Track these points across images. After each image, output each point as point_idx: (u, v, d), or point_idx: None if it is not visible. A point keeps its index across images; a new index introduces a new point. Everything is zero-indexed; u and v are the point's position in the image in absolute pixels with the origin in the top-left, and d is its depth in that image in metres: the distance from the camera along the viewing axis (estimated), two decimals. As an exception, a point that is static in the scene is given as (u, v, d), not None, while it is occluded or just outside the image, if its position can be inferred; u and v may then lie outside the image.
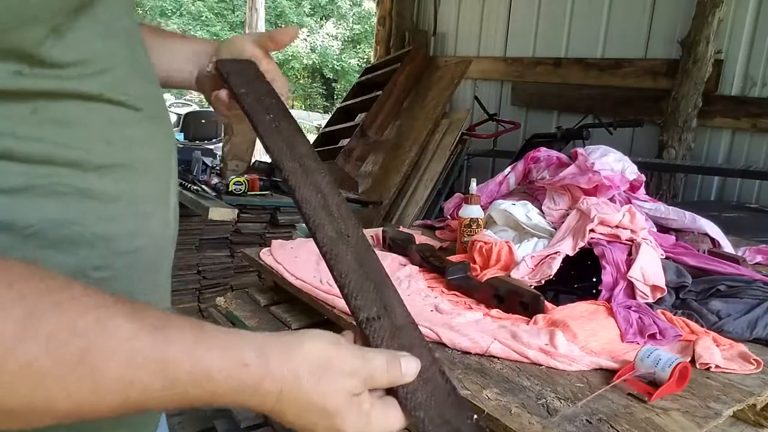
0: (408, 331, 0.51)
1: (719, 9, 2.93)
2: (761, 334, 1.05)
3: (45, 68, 0.40)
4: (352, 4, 16.06)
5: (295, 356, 0.41)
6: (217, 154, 4.16)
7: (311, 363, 0.41)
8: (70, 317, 0.33)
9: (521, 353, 0.94)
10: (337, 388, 0.42)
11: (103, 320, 0.34)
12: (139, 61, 0.51)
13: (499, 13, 4.34)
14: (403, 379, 0.45)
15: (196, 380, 0.37)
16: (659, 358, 0.85)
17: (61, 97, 0.42)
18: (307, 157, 0.62)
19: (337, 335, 0.45)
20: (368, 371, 0.43)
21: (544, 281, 1.19)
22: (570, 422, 0.77)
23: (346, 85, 12.99)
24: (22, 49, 0.38)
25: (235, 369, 0.38)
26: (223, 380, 0.38)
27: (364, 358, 0.44)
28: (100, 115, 0.45)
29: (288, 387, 0.40)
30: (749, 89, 3.00)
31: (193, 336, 0.38)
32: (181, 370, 0.36)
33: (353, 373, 0.43)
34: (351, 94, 4.71)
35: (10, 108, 0.39)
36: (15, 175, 0.40)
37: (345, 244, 0.55)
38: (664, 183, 3.20)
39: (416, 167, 3.67)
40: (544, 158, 1.58)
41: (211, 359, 0.38)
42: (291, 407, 0.41)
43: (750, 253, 1.50)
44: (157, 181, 0.53)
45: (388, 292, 0.54)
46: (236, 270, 2.88)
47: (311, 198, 0.58)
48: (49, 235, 0.43)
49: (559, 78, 3.90)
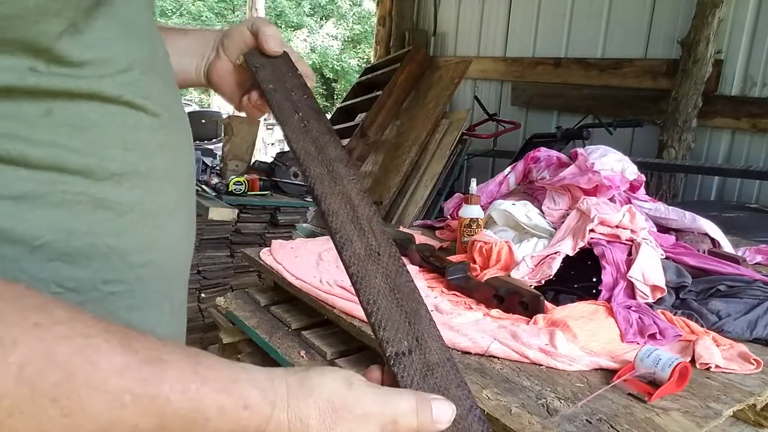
0: (443, 370, 0.45)
1: (719, 9, 2.93)
2: (761, 334, 1.05)
3: (61, 66, 0.37)
4: (352, 4, 16.05)
5: (305, 399, 0.37)
6: (217, 154, 4.16)
7: (322, 408, 0.37)
8: (48, 344, 0.29)
9: (521, 353, 0.94)
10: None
11: (88, 350, 0.30)
12: (159, 63, 0.48)
13: (499, 13, 4.34)
14: (434, 427, 0.40)
15: (191, 421, 0.33)
16: (659, 358, 0.85)
17: (77, 98, 0.39)
18: (337, 161, 0.57)
19: (355, 374, 0.41)
20: (389, 416, 0.38)
21: (544, 281, 1.20)
22: (570, 422, 0.77)
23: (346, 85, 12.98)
24: (38, 43, 0.36)
25: (235, 411, 0.35)
26: (222, 423, 0.34)
27: (384, 402, 0.39)
28: (116, 119, 0.42)
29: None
30: (749, 89, 3.00)
31: (191, 370, 0.34)
32: (175, 412, 0.32)
33: (368, 418, 0.38)
34: (351, 94, 4.71)
35: (23, 108, 0.37)
36: (23, 181, 0.37)
37: (375, 264, 0.50)
38: (664, 183, 3.20)
39: (416, 167, 3.67)
40: (544, 158, 1.58)
41: (210, 399, 0.34)
42: None
43: (750, 253, 1.50)
44: (175, 191, 0.50)
45: (422, 323, 0.48)
46: (236, 270, 2.88)
47: (339, 210, 0.52)
48: (59, 246, 0.39)
49: (559, 78, 3.90)
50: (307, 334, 1.19)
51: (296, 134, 0.58)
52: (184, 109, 0.54)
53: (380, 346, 0.45)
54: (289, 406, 0.36)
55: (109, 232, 0.42)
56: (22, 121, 0.37)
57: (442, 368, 0.45)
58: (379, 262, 0.50)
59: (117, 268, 0.43)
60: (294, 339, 1.21)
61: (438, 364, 0.45)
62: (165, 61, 0.50)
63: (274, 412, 0.36)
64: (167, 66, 0.51)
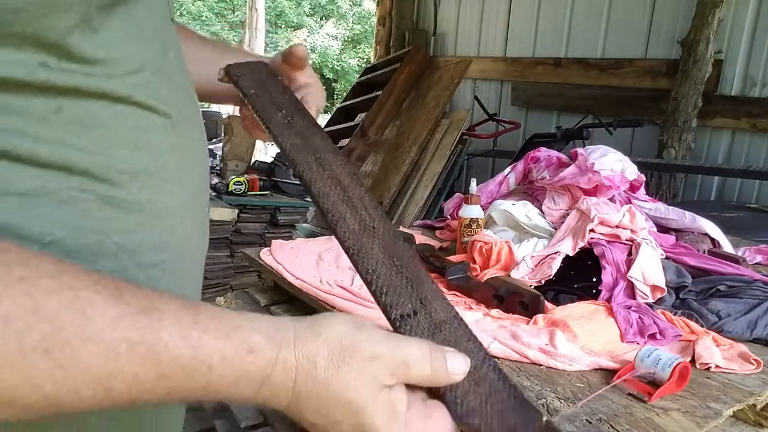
0: (451, 327, 0.44)
1: (719, 9, 2.93)
2: (761, 334, 1.05)
3: (73, 62, 0.37)
4: (352, 4, 16.06)
5: (311, 340, 0.35)
6: (217, 154, 4.16)
7: (330, 348, 0.35)
8: (35, 298, 0.28)
9: (521, 353, 0.94)
10: (360, 377, 0.35)
11: (77, 303, 0.30)
12: (172, 66, 0.48)
13: (499, 13, 4.34)
14: (449, 377, 0.38)
15: (192, 370, 0.32)
16: (659, 358, 0.85)
17: (87, 96, 0.39)
18: (324, 150, 0.56)
19: (366, 320, 0.39)
20: (399, 358, 0.36)
21: (544, 281, 1.20)
22: (570, 422, 0.77)
23: (346, 85, 12.99)
24: (47, 38, 0.35)
25: (238, 357, 0.33)
26: (225, 370, 0.33)
27: (396, 346, 0.37)
28: (126, 118, 0.42)
29: (303, 377, 0.34)
30: (749, 89, 3.00)
31: (189, 318, 0.33)
32: (175, 359, 0.31)
33: (377, 358, 0.36)
34: (351, 94, 4.71)
35: (32, 104, 0.36)
36: (30, 178, 0.37)
37: (371, 237, 0.49)
38: (664, 183, 3.20)
39: (416, 167, 3.67)
40: (544, 158, 1.58)
41: (211, 345, 0.32)
42: (309, 402, 0.35)
43: (750, 253, 1.50)
44: (186, 192, 0.49)
45: (425, 285, 0.46)
46: (236, 270, 2.88)
47: (329, 191, 0.52)
48: (67, 244, 0.39)
49: (559, 78, 3.90)
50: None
51: (281, 130, 0.58)
52: (197, 110, 0.54)
53: (384, 312, 0.44)
54: (296, 347, 0.35)
55: (117, 231, 0.42)
56: (31, 117, 0.36)
57: (449, 325, 0.44)
58: (375, 234, 0.49)
59: (127, 268, 0.43)
60: (294, 339, 1.21)
61: (445, 321, 0.44)
62: (177, 62, 0.50)
63: (281, 354, 0.34)
64: (179, 67, 0.50)
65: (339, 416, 0.35)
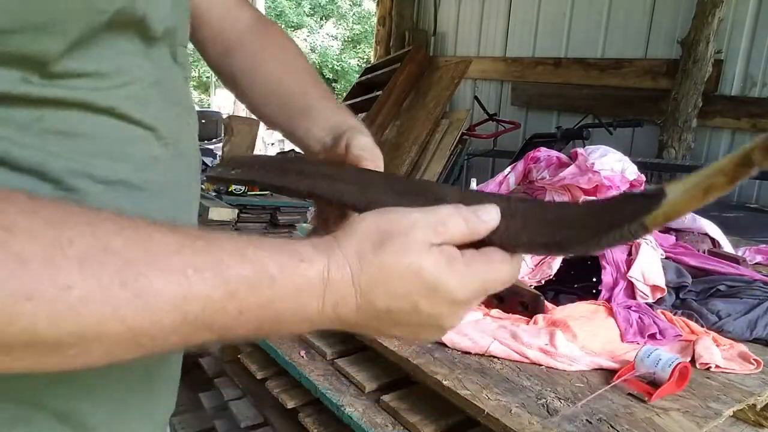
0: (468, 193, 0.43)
1: (719, 9, 2.93)
2: (761, 334, 1.05)
3: (56, 78, 0.37)
4: (352, 4, 16.06)
5: (350, 237, 0.36)
6: (217, 154, 4.16)
7: (369, 235, 0.36)
8: (101, 238, 0.30)
9: (521, 353, 0.94)
10: (407, 244, 0.35)
11: (140, 238, 0.31)
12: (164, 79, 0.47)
13: (499, 13, 4.34)
14: (486, 225, 0.38)
15: (257, 282, 0.33)
16: (659, 358, 0.85)
17: (68, 107, 0.39)
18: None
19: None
20: (435, 218, 0.37)
21: (544, 281, 1.20)
22: (570, 422, 0.77)
23: (346, 85, 12.99)
24: (36, 59, 0.35)
25: (293, 265, 0.34)
26: (286, 279, 0.34)
27: (426, 211, 0.37)
28: (107, 129, 0.42)
29: (357, 268, 0.35)
30: (749, 89, 3.00)
31: (242, 240, 0.34)
32: (239, 275, 0.33)
33: (414, 225, 0.36)
34: (351, 94, 4.71)
35: (13, 113, 0.36)
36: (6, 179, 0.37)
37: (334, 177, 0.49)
38: (664, 183, 3.20)
39: (416, 167, 3.67)
40: (544, 158, 1.58)
41: (268, 257, 0.34)
42: (373, 290, 0.35)
43: (750, 253, 1.50)
44: (171, 205, 0.48)
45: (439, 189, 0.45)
46: (236, 270, 2.88)
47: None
48: None
49: (559, 78, 3.90)
50: (306, 334, 1.19)
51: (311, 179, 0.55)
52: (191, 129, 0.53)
53: (355, 208, 0.45)
54: (341, 247, 0.36)
55: None
56: (12, 124, 0.36)
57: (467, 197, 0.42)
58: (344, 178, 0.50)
59: None
60: (294, 339, 1.21)
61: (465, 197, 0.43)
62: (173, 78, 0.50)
63: (330, 256, 0.35)
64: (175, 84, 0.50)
65: (405, 287, 0.35)
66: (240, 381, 1.47)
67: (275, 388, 1.22)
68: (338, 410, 0.98)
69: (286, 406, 1.18)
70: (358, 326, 0.37)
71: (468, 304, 0.38)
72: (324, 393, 1.01)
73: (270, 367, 1.28)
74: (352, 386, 1.03)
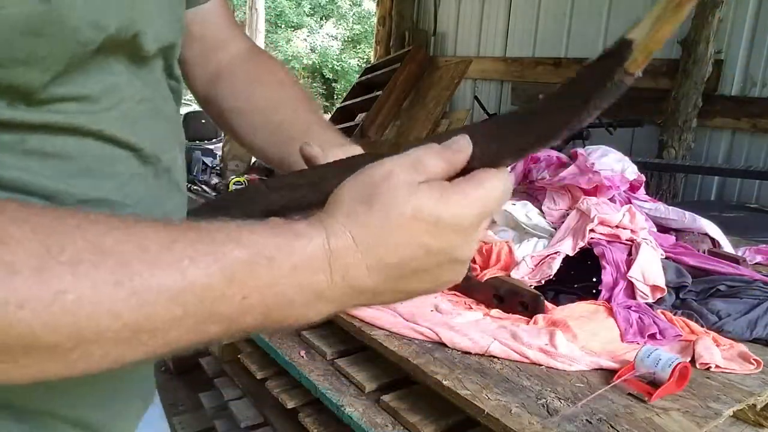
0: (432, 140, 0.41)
1: (719, 9, 2.93)
2: (761, 334, 1.05)
3: (42, 104, 0.37)
4: (352, 4, 16.06)
5: (338, 205, 0.35)
6: (217, 154, 4.15)
7: (355, 198, 0.35)
8: (92, 239, 0.30)
9: (521, 353, 0.94)
10: (393, 191, 0.34)
11: (131, 236, 0.31)
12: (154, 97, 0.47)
13: (499, 13, 4.34)
14: (462, 155, 0.36)
15: (254, 264, 0.32)
16: (659, 358, 0.85)
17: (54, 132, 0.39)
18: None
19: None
20: (412, 158, 0.36)
21: (544, 281, 1.20)
22: (570, 422, 0.77)
23: (346, 85, 12.99)
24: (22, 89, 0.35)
25: (289, 243, 0.33)
26: (284, 257, 0.33)
27: (399, 156, 0.37)
28: (92, 149, 0.42)
29: (356, 231, 0.34)
30: (749, 89, 3.00)
31: (233, 226, 0.33)
32: (236, 259, 0.32)
33: (392, 171, 0.35)
34: (351, 94, 4.71)
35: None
36: None
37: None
38: (664, 183, 3.20)
39: (416, 167, 3.67)
40: (544, 158, 1.58)
41: (262, 240, 0.33)
42: (379, 246, 0.34)
43: (750, 253, 1.50)
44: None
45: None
46: (236, 270, 2.88)
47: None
48: None
49: (559, 78, 3.90)
50: (306, 334, 1.19)
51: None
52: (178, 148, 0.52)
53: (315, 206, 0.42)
54: (331, 216, 0.35)
55: None
56: None
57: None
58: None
59: None
60: (294, 339, 1.21)
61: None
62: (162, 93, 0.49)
63: (328, 228, 0.34)
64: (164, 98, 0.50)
65: (409, 232, 0.34)
66: (240, 381, 1.47)
67: (275, 388, 1.22)
68: (338, 410, 0.98)
69: (286, 406, 1.18)
70: (377, 293, 0.36)
71: (474, 228, 0.36)
72: (324, 393, 1.01)
73: (270, 367, 1.28)
74: (352, 386, 1.03)
